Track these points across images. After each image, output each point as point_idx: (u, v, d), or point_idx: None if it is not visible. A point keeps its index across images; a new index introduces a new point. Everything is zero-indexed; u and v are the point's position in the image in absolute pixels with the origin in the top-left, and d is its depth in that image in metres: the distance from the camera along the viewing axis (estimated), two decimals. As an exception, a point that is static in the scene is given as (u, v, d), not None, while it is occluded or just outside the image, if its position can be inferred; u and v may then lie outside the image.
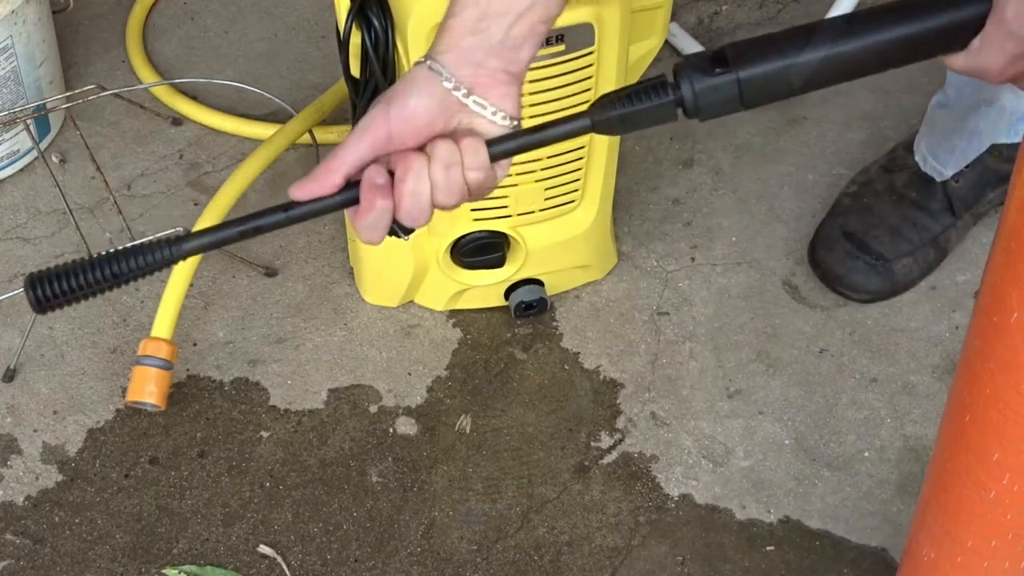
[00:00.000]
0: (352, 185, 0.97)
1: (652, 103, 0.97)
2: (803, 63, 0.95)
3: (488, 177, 1.00)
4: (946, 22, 0.94)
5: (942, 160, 1.69)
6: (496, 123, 0.99)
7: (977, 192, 1.71)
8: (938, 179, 1.70)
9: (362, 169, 0.97)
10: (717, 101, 0.97)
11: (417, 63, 0.99)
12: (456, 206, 0.99)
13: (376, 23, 1.38)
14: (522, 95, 1.37)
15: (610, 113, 0.97)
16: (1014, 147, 1.68)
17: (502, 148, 0.99)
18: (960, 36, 0.95)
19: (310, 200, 0.97)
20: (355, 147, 0.97)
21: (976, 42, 0.95)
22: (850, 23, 0.96)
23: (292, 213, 0.97)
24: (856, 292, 1.69)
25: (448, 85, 0.97)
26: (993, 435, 1.00)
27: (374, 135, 0.97)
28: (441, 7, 1.33)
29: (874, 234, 1.69)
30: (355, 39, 1.40)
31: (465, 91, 0.97)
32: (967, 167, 1.69)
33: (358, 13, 1.38)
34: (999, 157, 1.69)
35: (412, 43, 1.36)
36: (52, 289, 0.94)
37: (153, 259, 0.97)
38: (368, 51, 1.39)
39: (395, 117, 0.97)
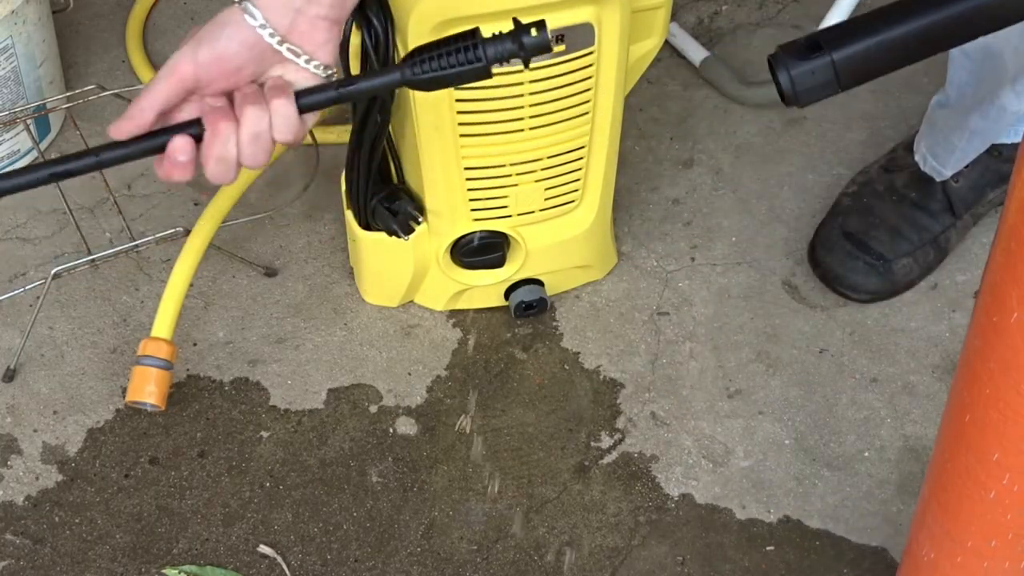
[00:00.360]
0: (163, 131, 0.96)
1: (464, 68, 0.97)
2: (895, 37, 0.95)
3: (296, 133, 0.96)
4: None
5: (942, 160, 1.69)
6: (309, 72, 0.96)
7: (977, 192, 1.71)
8: (938, 179, 1.70)
9: (170, 110, 0.95)
10: (814, 85, 0.97)
11: (232, 3, 0.95)
12: (261, 167, 0.97)
13: (376, 23, 1.38)
14: (524, 95, 1.36)
15: (421, 75, 0.97)
16: (1014, 147, 1.68)
17: (311, 100, 0.97)
18: None
19: (125, 141, 0.95)
20: (162, 88, 0.94)
21: None
22: None
23: (104, 157, 0.97)
24: (856, 292, 1.69)
25: (262, 31, 0.93)
26: (993, 435, 1.00)
27: (180, 77, 0.94)
28: (442, 7, 1.34)
29: (874, 234, 1.69)
30: (355, 39, 1.40)
31: (279, 38, 0.93)
32: (967, 167, 1.69)
33: (358, 13, 1.38)
34: (999, 157, 1.69)
35: (412, 43, 1.36)
36: None
37: None
38: (368, 51, 1.39)
39: (203, 60, 0.93)
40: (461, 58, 0.99)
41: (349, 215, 1.61)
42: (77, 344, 1.68)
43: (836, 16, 1.84)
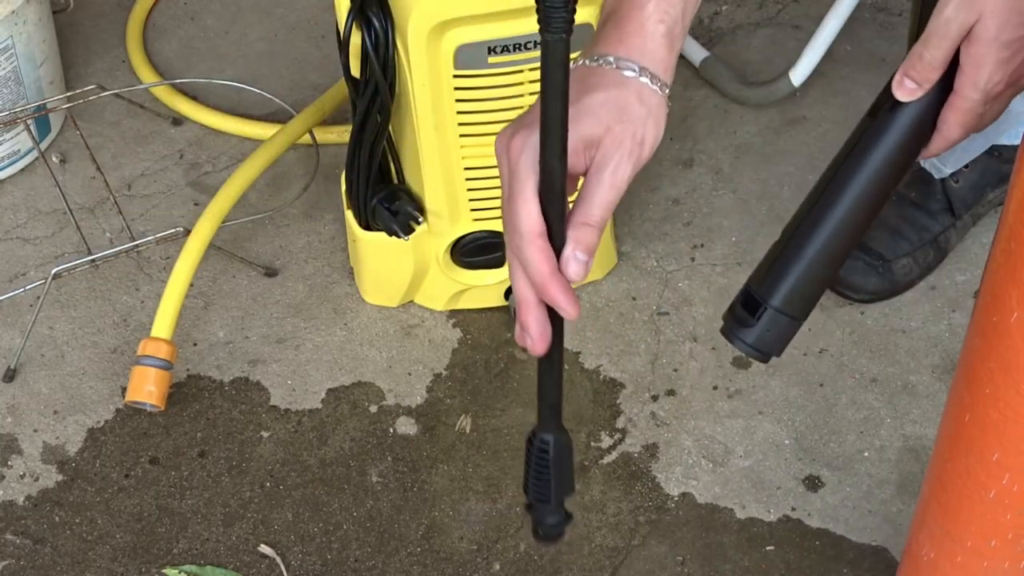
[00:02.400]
0: None
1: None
2: (819, 251, 0.94)
3: None
4: (910, 117, 0.93)
5: (943, 158, 1.69)
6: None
7: (977, 192, 1.71)
8: (937, 176, 1.70)
9: None
10: (777, 336, 0.97)
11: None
12: None
13: (376, 23, 1.38)
14: (524, 95, 1.36)
15: None
16: (1014, 149, 1.68)
17: None
18: (928, 117, 0.93)
19: None
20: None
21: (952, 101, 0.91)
22: (822, 195, 0.94)
23: None
24: (856, 292, 1.69)
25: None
26: (993, 435, 1.00)
27: None
28: (442, 7, 1.34)
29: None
30: (355, 39, 1.40)
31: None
32: (966, 167, 1.69)
33: (358, 13, 1.39)
34: (999, 157, 1.69)
35: (412, 43, 1.36)
36: None
37: None
38: (368, 51, 1.39)
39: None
40: None
41: (349, 215, 1.61)
42: (77, 344, 1.68)
43: (824, 35, 1.85)
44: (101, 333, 1.69)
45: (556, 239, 0.83)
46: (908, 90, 0.92)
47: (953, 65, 0.91)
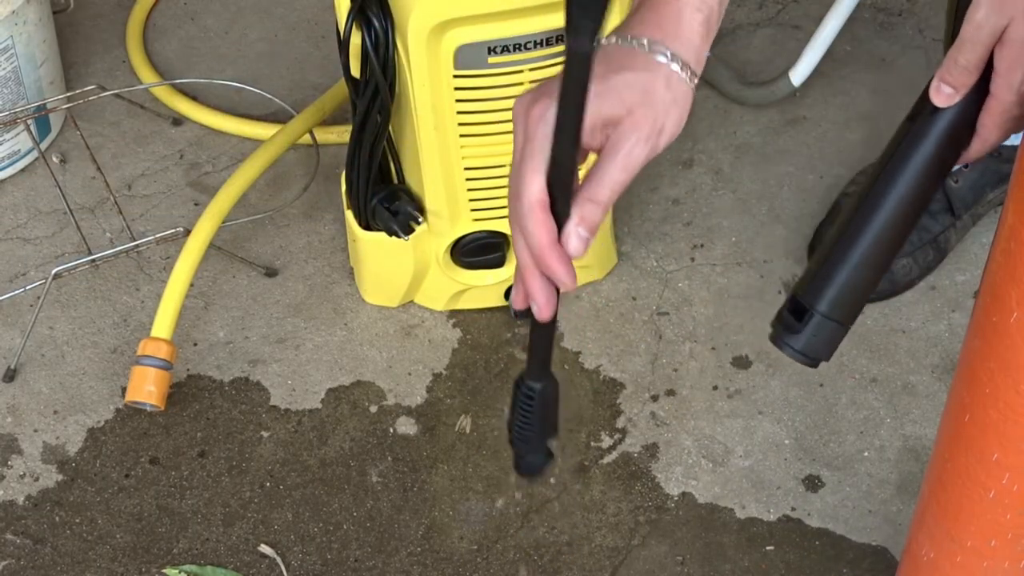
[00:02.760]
0: None
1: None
2: (861, 258, 0.95)
3: None
4: (952, 115, 0.93)
5: None
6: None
7: (977, 192, 1.71)
8: None
9: None
10: (825, 341, 0.98)
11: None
12: None
13: (376, 23, 1.38)
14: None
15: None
16: (1014, 149, 1.68)
17: None
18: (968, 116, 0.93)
19: None
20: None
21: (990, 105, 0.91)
22: (865, 201, 0.95)
23: None
24: None
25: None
26: (993, 435, 1.00)
27: None
28: (442, 8, 1.34)
29: None
30: (355, 39, 1.40)
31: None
32: (966, 167, 1.69)
33: (358, 13, 1.39)
34: (999, 157, 1.69)
35: (412, 43, 1.36)
36: None
37: None
38: (368, 51, 1.39)
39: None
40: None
41: (349, 215, 1.61)
42: (77, 344, 1.68)
43: (824, 35, 1.85)
44: (101, 333, 1.69)
45: (560, 212, 0.82)
46: (945, 96, 0.93)
47: (988, 68, 0.91)
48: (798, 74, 1.89)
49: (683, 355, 1.67)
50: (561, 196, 0.82)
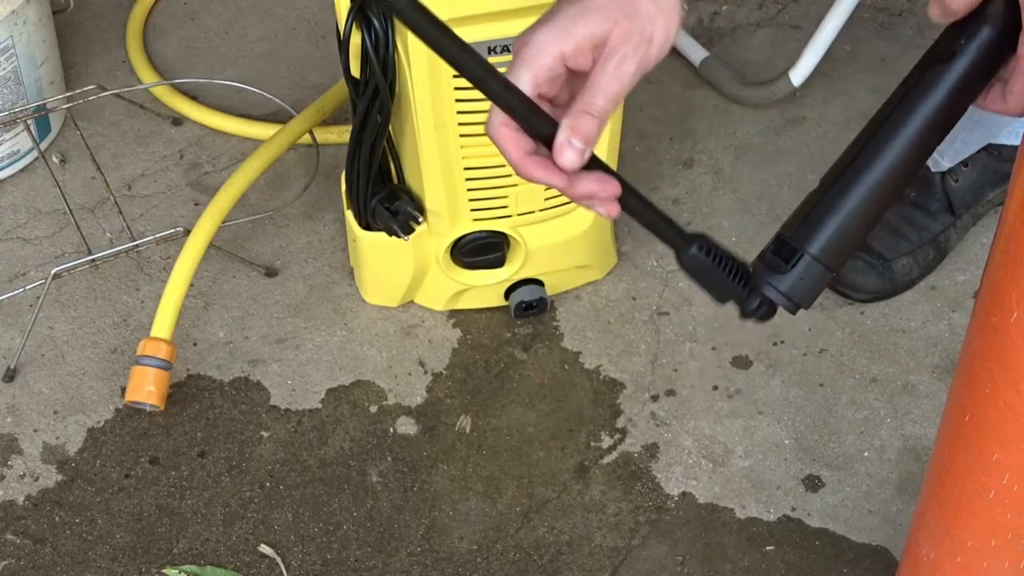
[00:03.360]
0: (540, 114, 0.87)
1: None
2: (858, 205, 0.91)
3: None
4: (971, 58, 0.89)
5: (942, 149, 1.69)
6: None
7: (977, 192, 1.71)
8: (934, 168, 1.70)
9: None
10: (809, 287, 0.93)
11: None
12: None
13: (376, 23, 1.38)
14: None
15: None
16: (1013, 148, 1.68)
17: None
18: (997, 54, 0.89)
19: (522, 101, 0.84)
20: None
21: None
22: (866, 146, 0.91)
23: (490, 85, 0.85)
24: (856, 292, 1.70)
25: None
26: (993, 435, 1.00)
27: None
28: (440, 8, 1.34)
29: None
30: (355, 39, 1.40)
31: None
32: (965, 167, 1.69)
33: (358, 13, 1.39)
34: (999, 157, 1.69)
35: (412, 43, 1.36)
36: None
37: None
38: (368, 51, 1.39)
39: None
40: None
41: (349, 215, 1.61)
42: (77, 344, 1.68)
43: (824, 35, 1.85)
44: (101, 333, 1.69)
45: (536, 128, 0.84)
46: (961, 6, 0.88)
47: (1016, 30, 0.87)
48: (798, 74, 1.89)
49: (683, 355, 1.67)
50: (525, 114, 0.83)
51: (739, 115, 1.91)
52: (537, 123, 0.84)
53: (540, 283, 1.67)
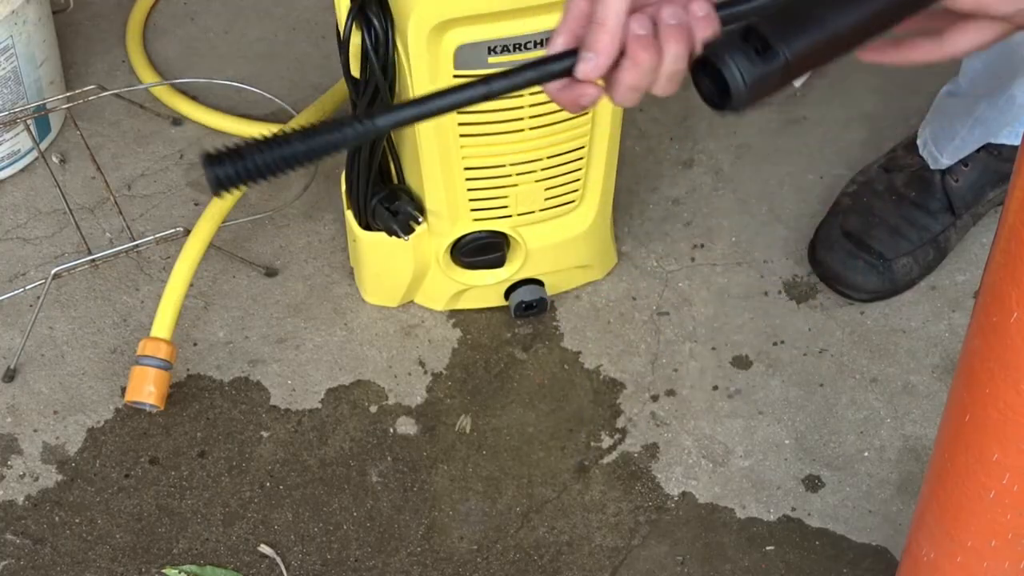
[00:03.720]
0: (546, 60, 0.86)
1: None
2: (845, 22, 0.84)
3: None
4: None
5: (941, 146, 1.69)
6: None
7: (976, 192, 1.71)
8: (933, 166, 1.70)
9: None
10: (763, 85, 0.85)
11: None
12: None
13: (376, 23, 1.38)
14: (523, 94, 1.36)
15: None
16: (1014, 148, 1.68)
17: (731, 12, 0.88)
18: None
19: (514, 70, 0.84)
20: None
21: None
22: None
23: (494, 86, 0.86)
24: (856, 291, 1.70)
25: None
26: (993, 435, 1.00)
27: None
28: (442, 8, 1.34)
29: (874, 233, 1.69)
30: (355, 39, 1.40)
31: None
32: (965, 166, 1.70)
33: (358, 13, 1.39)
34: (999, 157, 1.69)
35: (412, 43, 1.36)
36: (231, 168, 0.83)
37: (342, 135, 0.86)
38: (368, 51, 1.39)
39: None
40: None
41: (349, 215, 1.61)
42: (77, 344, 1.68)
43: None
44: (101, 333, 1.69)
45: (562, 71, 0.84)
46: None
47: None
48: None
49: (683, 355, 1.67)
50: (551, 75, 0.84)
51: (739, 115, 1.91)
52: (558, 64, 0.83)
53: (540, 283, 1.67)
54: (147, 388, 1.55)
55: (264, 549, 1.51)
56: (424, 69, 1.39)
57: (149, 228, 1.78)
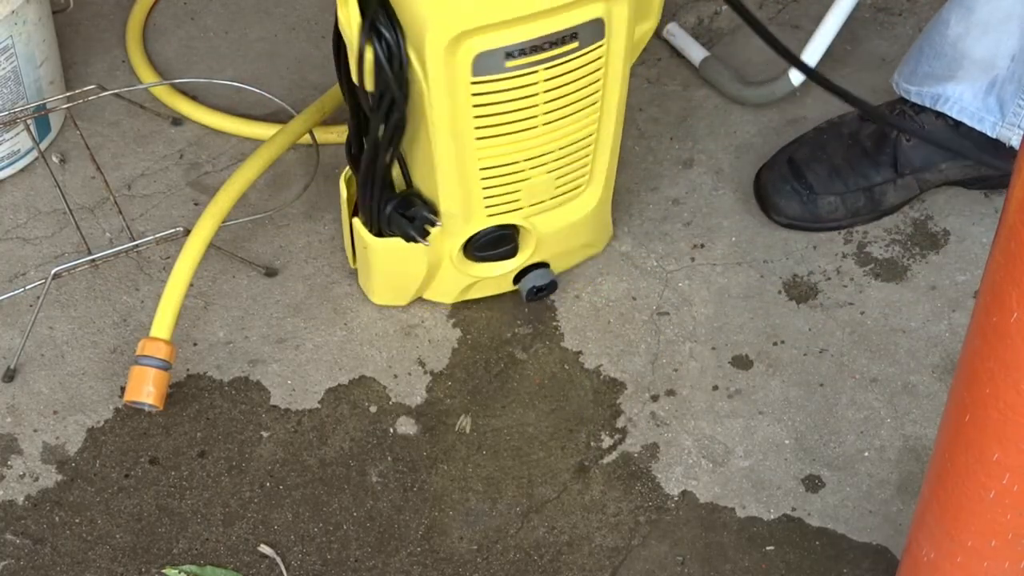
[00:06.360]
0: None
1: None
2: None
3: None
4: None
5: (905, 75, 1.73)
6: None
7: (926, 157, 1.74)
8: (896, 91, 1.74)
9: None
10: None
11: None
12: None
13: (387, 35, 1.37)
14: (539, 93, 1.35)
15: None
16: (972, 130, 1.69)
17: None
18: None
19: None
20: None
21: None
22: None
23: None
24: (776, 214, 1.76)
25: None
26: (993, 435, 1.00)
27: None
28: (457, 20, 1.34)
29: (813, 167, 1.76)
30: (369, 54, 1.39)
31: None
32: (922, 129, 1.72)
33: (369, 27, 1.38)
34: (956, 131, 1.70)
35: (430, 57, 1.35)
36: None
37: None
38: (382, 64, 1.38)
39: None
40: None
41: (358, 224, 1.60)
42: (77, 344, 1.68)
43: (827, 29, 1.85)
44: (101, 333, 1.69)
45: None
46: None
47: None
48: (798, 74, 1.89)
49: (683, 355, 1.67)
50: None
51: (739, 115, 1.91)
52: None
53: (547, 265, 1.67)
54: (146, 388, 1.55)
55: (264, 549, 1.51)
56: (442, 80, 1.39)
57: (149, 228, 1.78)
